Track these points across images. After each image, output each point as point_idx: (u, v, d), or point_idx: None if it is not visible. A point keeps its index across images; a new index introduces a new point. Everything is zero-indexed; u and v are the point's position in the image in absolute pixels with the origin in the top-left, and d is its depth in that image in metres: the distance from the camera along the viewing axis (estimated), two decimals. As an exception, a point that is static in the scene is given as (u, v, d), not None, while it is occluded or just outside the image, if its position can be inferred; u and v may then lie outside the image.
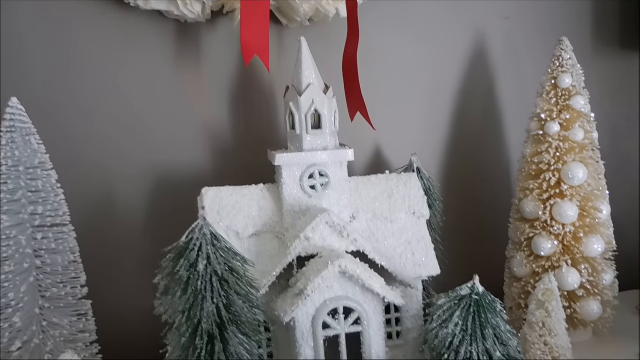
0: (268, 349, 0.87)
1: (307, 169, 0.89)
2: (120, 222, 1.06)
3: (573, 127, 0.98)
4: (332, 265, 0.76)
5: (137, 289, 1.03)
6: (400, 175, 0.97)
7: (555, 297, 0.86)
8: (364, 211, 0.92)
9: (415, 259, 0.90)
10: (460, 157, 1.22)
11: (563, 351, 0.86)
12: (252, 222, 0.88)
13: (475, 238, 1.23)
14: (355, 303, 0.79)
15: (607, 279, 0.99)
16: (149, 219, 1.08)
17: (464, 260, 1.24)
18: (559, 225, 0.97)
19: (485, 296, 0.72)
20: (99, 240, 1.04)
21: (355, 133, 1.13)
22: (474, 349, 0.70)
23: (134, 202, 1.07)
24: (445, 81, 1.20)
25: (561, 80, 0.99)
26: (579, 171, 0.96)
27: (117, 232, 1.05)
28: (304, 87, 0.89)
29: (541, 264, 0.98)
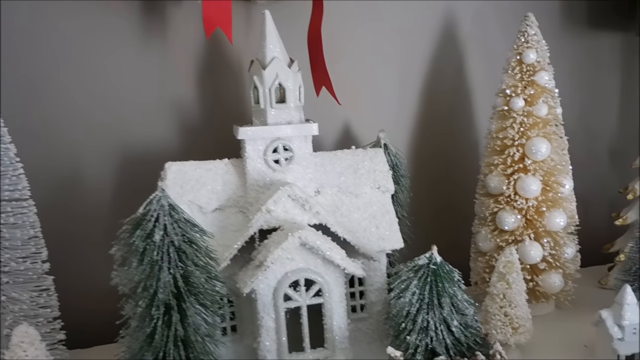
0: (232, 322, 0.87)
1: (271, 143, 0.88)
2: (86, 198, 1.05)
3: (537, 103, 0.99)
4: (292, 236, 0.76)
5: (103, 264, 1.02)
6: (366, 151, 0.97)
7: (515, 269, 0.88)
8: (329, 185, 0.92)
9: (379, 232, 0.91)
10: (430, 134, 1.23)
11: (523, 322, 0.87)
12: (216, 197, 0.88)
13: (444, 214, 1.24)
14: (316, 275, 0.79)
15: (569, 252, 1.01)
16: (115, 195, 1.07)
17: (433, 235, 1.23)
18: (522, 199, 0.98)
19: (442, 266, 0.73)
20: (64, 216, 1.03)
21: (325, 110, 1.13)
22: (431, 317, 0.71)
23: (99, 177, 1.05)
24: (414, 58, 1.20)
25: (526, 55, 0.99)
26: (542, 146, 0.97)
27: (82, 207, 1.04)
28: (268, 60, 0.88)
29: (505, 238, 1.00)
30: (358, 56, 1.17)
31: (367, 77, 1.18)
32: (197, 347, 0.68)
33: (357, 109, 1.18)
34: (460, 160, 1.23)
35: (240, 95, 1.12)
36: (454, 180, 1.23)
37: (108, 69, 1.04)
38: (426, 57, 1.20)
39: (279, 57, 0.89)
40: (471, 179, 1.19)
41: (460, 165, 1.23)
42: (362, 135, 1.18)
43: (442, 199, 1.24)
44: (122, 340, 0.68)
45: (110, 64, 1.04)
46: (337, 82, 1.15)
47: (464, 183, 1.22)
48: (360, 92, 1.18)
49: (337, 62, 1.15)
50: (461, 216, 1.15)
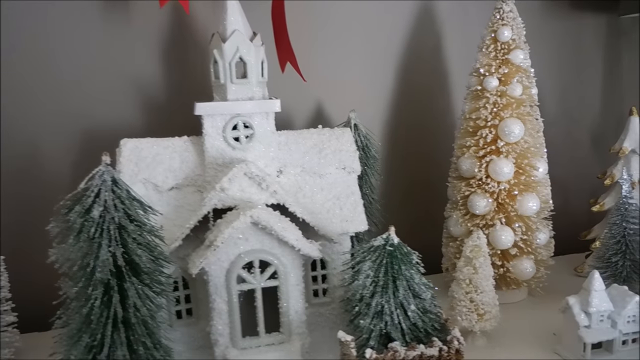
0: (188, 305, 0.84)
1: (231, 120, 0.85)
2: (45, 178, 1.01)
3: (511, 82, 0.95)
4: (244, 215, 0.72)
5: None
6: (332, 130, 0.94)
7: (483, 253, 0.84)
8: (292, 165, 0.89)
9: (343, 214, 0.87)
10: (406, 115, 1.19)
11: (489, 308, 0.84)
12: (173, 175, 0.84)
13: (419, 197, 1.20)
14: (271, 256, 0.76)
15: (542, 238, 0.97)
16: (75, 176, 1.02)
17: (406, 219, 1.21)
18: (494, 182, 0.95)
19: (400, 247, 0.69)
20: (20, 197, 0.99)
21: (297, 89, 1.09)
22: (386, 301, 0.67)
23: (59, 157, 1.02)
24: (390, 36, 1.16)
25: (500, 33, 0.96)
26: (515, 127, 0.94)
27: (39, 188, 1.01)
28: (229, 33, 0.84)
29: (476, 223, 0.97)
30: (332, 34, 1.13)
31: (341, 56, 1.14)
32: (138, 329, 0.65)
33: (330, 89, 1.14)
34: (437, 142, 1.20)
35: (207, 71, 1.08)
36: (430, 163, 1.19)
37: (66, 44, 0.99)
38: (402, 35, 1.16)
39: (241, 30, 0.85)
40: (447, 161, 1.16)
41: (436, 147, 1.20)
42: (336, 115, 1.14)
43: (417, 182, 1.21)
44: (59, 321, 0.65)
45: (69, 39, 0.99)
46: (309, 60, 1.12)
47: (440, 166, 1.18)
48: (334, 72, 1.14)
49: (309, 40, 1.11)
50: (436, 200, 1.12)
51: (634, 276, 0.91)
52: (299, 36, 1.10)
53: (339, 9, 1.12)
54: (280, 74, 0.98)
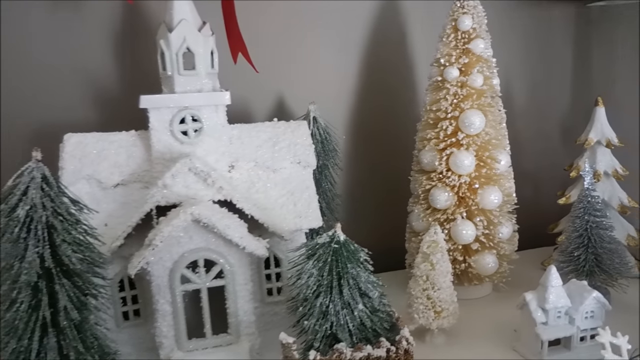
0: (135, 306, 0.81)
1: (178, 113, 0.81)
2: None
3: (472, 73, 0.92)
4: (184, 213, 0.69)
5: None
6: (288, 123, 0.91)
7: (440, 249, 0.82)
8: (245, 160, 0.86)
9: (296, 210, 0.85)
10: (370, 108, 1.16)
11: (446, 305, 0.82)
12: (118, 171, 0.81)
13: (383, 191, 1.18)
14: (217, 255, 0.73)
15: (505, 232, 0.95)
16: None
17: (371, 214, 1.19)
18: (454, 176, 0.92)
19: (346, 245, 0.67)
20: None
21: (258, 81, 1.06)
22: (330, 300, 0.65)
23: (6, 153, 0.98)
24: (354, 27, 1.12)
25: (461, 22, 0.93)
26: (475, 119, 0.91)
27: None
28: (175, 22, 0.81)
29: (437, 217, 0.94)
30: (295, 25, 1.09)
31: (304, 47, 1.11)
32: (70, 333, 0.62)
33: (292, 81, 1.11)
34: (402, 135, 1.16)
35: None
36: (395, 156, 1.16)
37: (12, 38, 0.95)
38: (366, 25, 1.13)
39: (188, 20, 0.81)
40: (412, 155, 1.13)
41: (401, 140, 1.17)
42: (297, 107, 1.11)
43: (382, 176, 1.18)
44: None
45: (15, 32, 0.95)
46: (271, 51, 1.09)
47: (405, 159, 1.16)
48: (296, 63, 1.11)
49: (271, 31, 1.08)
50: (401, 194, 1.09)
51: (597, 270, 0.89)
52: (259, 27, 1.07)
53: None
54: (241, 66, 0.95)
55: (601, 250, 0.88)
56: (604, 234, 0.88)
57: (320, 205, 0.98)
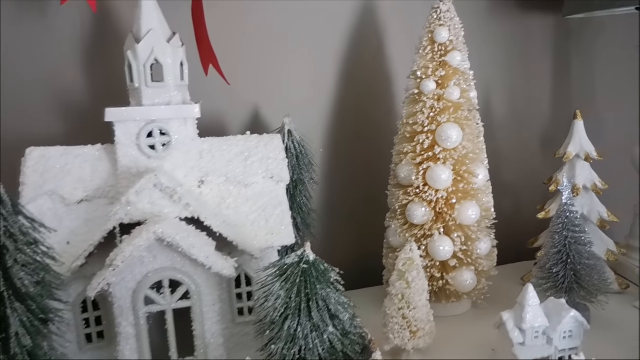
0: (99, 328, 0.78)
1: (145, 126, 0.79)
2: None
3: (448, 85, 0.91)
4: (147, 232, 0.66)
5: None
6: (261, 137, 0.88)
7: (416, 267, 0.80)
8: (215, 174, 0.83)
9: (268, 226, 0.82)
10: (348, 120, 1.14)
11: (422, 325, 0.79)
12: (83, 186, 0.78)
13: (362, 206, 1.15)
14: (183, 275, 0.70)
15: (483, 248, 0.93)
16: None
17: (349, 229, 1.17)
18: (432, 190, 0.90)
19: (316, 265, 0.64)
20: None
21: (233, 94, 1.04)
22: (299, 323, 0.62)
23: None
24: (331, 38, 1.10)
25: (438, 34, 0.91)
26: (452, 133, 0.89)
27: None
28: (143, 33, 0.79)
29: (414, 233, 0.92)
30: (271, 36, 1.07)
31: (280, 58, 1.08)
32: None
33: (267, 93, 1.09)
34: (380, 148, 1.15)
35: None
36: (374, 170, 1.14)
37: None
38: (344, 37, 1.11)
39: (157, 30, 0.79)
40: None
41: (380, 153, 1.15)
42: (273, 120, 1.09)
43: (360, 190, 1.16)
44: None
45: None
46: (246, 62, 1.07)
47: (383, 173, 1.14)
48: (272, 75, 1.08)
49: (246, 42, 1.06)
50: (380, 209, 1.07)
51: (576, 287, 0.87)
52: (234, 37, 1.05)
53: (277, 8, 1.07)
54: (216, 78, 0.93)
55: (580, 266, 0.86)
56: (583, 250, 0.87)
57: (295, 221, 0.96)
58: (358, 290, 1.10)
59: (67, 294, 0.74)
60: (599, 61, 1.29)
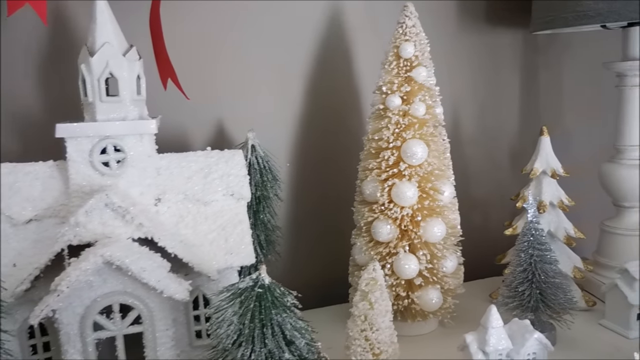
0: (47, 354, 0.74)
1: (99, 143, 0.76)
2: None
3: (414, 101, 0.90)
4: (94, 255, 0.63)
5: None
6: (222, 152, 0.86)
7: (379, 287, 0.78)
8: (173, 192, 0.81)
9: (227, 246, 0.80)
10: (315, 135, 1.12)
11: (385, 347, 0.77)
12: (32, 205, 0.75)
13: (329, 223, 1.13)
14: (134, 299, 0.67)
15: (449, 265, 0.92)
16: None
17: (315, 247, 1.15)
18: (397, 207, 0.89)
19: (272, 289, 0.62)
20: None
21: (196, 108, 1.02)
22: (252, 351, 0.59)
23: None
24: (297, 53, 1.09)
25: (403, 49, 0.90)
26: (417, 149, 0.88)
27: None
28: (98, 46, 0.76)
29: (379, 251, 0.90)
30: (235, 48, 1.05)
31: (245, 72, 1.06)
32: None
33: (233, 107, 1.06)
34: (348, 164, 1.13)
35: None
36: (342, 186, 1.13)
37: None
38: (311, 51, 1.09)
39: (112, 43, 0.76)
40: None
41: (348, 169, 1.13)
42: (238, 135, 1.07)
43: (327, 207, 1.14)
44: None
45: None
46: (210, 77, 1.04)
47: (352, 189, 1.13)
48: (237, 89, 1.06)
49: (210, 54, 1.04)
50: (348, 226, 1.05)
51: (541, 306, 0.86)
52: (198, 51, 1.03)
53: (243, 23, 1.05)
54: (178, 92, 0.90)
55: (545, 285, 0.85)
56: (549, 268, 0.86)
57: (259, 239, 0.94)
58: (326, 307, 1.08)
59: (13, 320, 0.71)
60: (567, 77, 1.30)
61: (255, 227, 0.93)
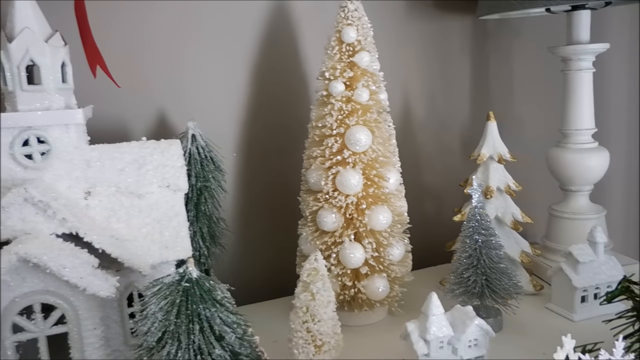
0: (-31, 359, 0.70)
1: (20, 134, 0.71)
2: None
3: (357, 87, 0.88)
4: (7, 253, 0.60)
5: None
6: (158, 143, 0.82)
7: (321, 277, 0.76)
8: (104, 185, 0.76)
9: (163, 239, 0.76)
10: (262, 124, 1.09)
11: (327, 338, 0.75)
12: (-52, 202, 0.70)
13: (277, 214, 1.11)
14: (57, 298, 0.64)
15: (395, 253, 0.91)
16: None
17: (262, 238, 1.12)
18: (341, 196, 0.87)
19: (200, 283, 0.59)
20: None
21: (137, 97, 0.99)
22: (178, 348, 0.57)
23: None
24: (242, 40, 1.06)
25: (345, 34, 0.88)
26: (361, 136, 0.86)
27: None
28: (17, 31, 0.71)
29: (325, 240, 0.88)
30: (176, 36, 1.01)
31: (188, 59, 1.03)
32: None
33: (175, 96, 1.03)
34: (296, 153, 1.11)
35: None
36: (289, 176, 1.10)
37: None
38: (257, 37, 1.06)
39: (32, 28, 0.72)
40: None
41: (296, 159, 1.11)
42: (180, 125, 1.03)
43: (276, 198, 1.11)
44: None
45: None
46: (151, 65, 1.00)
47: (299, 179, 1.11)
48: (179, 77, 1.03)
49: (151, 43, 1.00)
50: (296, 217, 1.03)
51: (487, 291, 0.85)
52: (138, 38, 0.99)
53: (185, 8, 1.01)
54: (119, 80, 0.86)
55: (490, 270, 0.85)
56: (494, 254, 0.85)
57: (201, 232, 0.91)
58: (277, 300, 1.06)
59: None
60: (517, 62, 1.29)
61: (197, 220, 0.90)
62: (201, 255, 0.90)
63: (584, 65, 1.03)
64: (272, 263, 1.10)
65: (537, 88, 1.29)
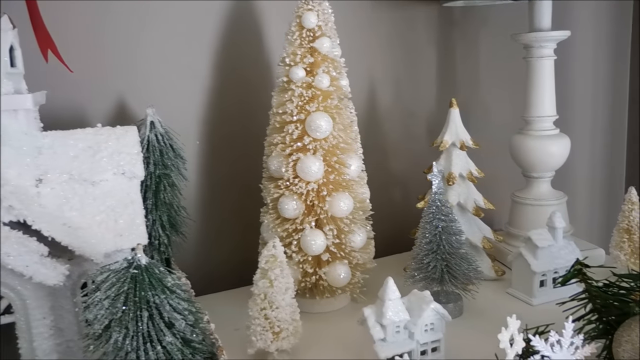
0: None
1: (-36, 120, 0.69)
2: None
3: (317, 73, 0.87)
4: (-54, 241, 0.58)
5: None
6: (113, 129, 0.80)
7: (279, 264, 0.76)
8: (57, 172, 0.74)
9: (117, 227, 0.75)
10: (225, 111, 1.08)
11: (286, 325, 0.75)
12: None
13: (241, 202, 1.10)
14: (2, 287, 0.62)
15: (357, 240, 0.91)
16: None
17: (225, 227, 1.11)
18: (302, 183, 0.86)
19: (149, 270, 0.58)
20: None
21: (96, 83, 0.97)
22: (126, 336, 0.56)
23: None
24: (205, 24, 1.04)
25: (306, 19, 0.87)
26: (321, 122, 0.86)
27: None
28: (-39, 13, 0.69)
29: (286, 228, 0.88)
30: (137, 21, 0.99)
31: (148, 44, 1.01)
32: None
33: (135, 82, 1.01)
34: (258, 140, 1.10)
35: None
36: (252, 163, 1.09)
37: None
38: (218, 22, 1.05)
39: (-23, 10, 0.70)
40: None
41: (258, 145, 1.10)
42: (141, 111, 1.01)
43: (237, 185, 1.10)
44: None
45: None
46: (111, 50, 0.98)
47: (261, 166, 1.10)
48: (139, 62, 1.01)
49: (111, 28, 0.98)
50: (259, 204, 1.02)
51: (447, 277, 0.86)
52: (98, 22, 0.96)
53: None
54: (76, 67, 0.85)
55: (450, 256, 0.85)
56: (454, 240, 0.86)
57: (161, 220, 0.89)
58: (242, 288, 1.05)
59: None
60: (482, 50, 1.30)
61: (156, 208, 0.89)
62: (161, 244, 0.89)
63: (546, 53, 1.04)
64: (235, 251, 1.10)
65: (502, 75, 1.30)
